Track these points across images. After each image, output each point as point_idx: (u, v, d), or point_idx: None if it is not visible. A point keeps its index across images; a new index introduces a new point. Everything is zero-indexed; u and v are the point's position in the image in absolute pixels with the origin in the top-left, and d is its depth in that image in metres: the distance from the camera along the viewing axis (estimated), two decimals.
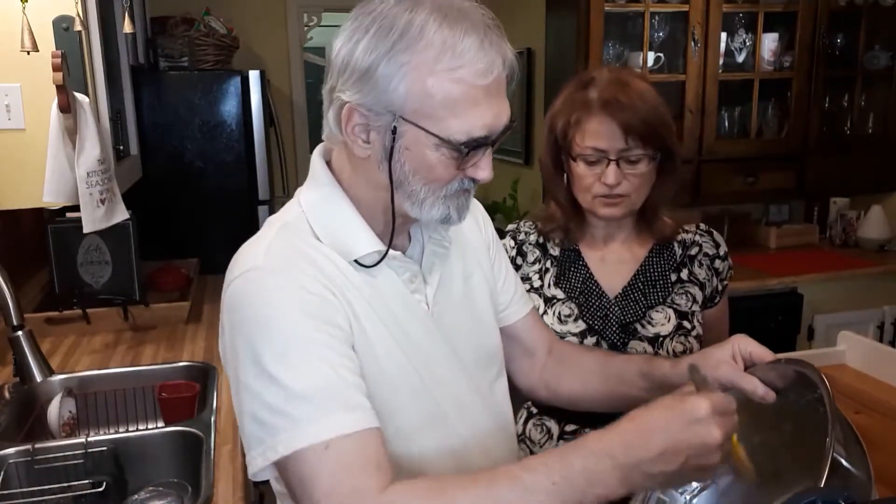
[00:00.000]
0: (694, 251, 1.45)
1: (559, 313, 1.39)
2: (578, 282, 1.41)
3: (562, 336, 1.37)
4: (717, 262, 1.45)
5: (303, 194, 0.98)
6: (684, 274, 1.43)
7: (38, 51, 1.62)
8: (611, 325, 1.39)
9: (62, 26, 1.73)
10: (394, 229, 0.92)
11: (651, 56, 2.83)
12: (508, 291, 1.16)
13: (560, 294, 1.41)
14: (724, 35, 2.90)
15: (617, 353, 1.28)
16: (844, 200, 3.33)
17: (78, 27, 1.73)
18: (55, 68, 1.61)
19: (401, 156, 0.86)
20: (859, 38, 3.07)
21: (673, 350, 1.38)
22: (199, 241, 2.99)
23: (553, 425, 1.42)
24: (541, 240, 1.45)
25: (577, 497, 0.76)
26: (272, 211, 3.18)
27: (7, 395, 1.62)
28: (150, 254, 2.57)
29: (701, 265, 1.44)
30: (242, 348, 0.85)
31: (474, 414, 1.02)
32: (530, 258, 1.45)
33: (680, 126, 2.88)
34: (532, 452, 1.43)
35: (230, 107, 2.98)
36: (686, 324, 1.40)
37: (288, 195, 3.71)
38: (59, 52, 1.64)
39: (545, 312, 1.40)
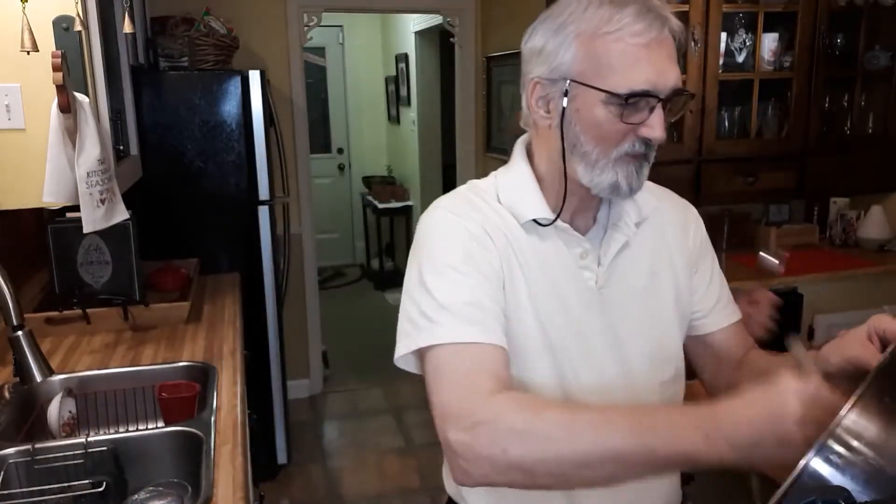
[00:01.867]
0: None
1: None
2: None
3: None
4: None
5: (499, 170, 1.12)
6: None
7: (38, 51, 1.62)
8: None
9: (62, 26, 1.73)
10: (566, 195, 1.02)
11: None
12: (709, 301, 1.17)
13: None
14: (724, 35, 2.90)
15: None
16: (844, 200, 3.34)
17: (78, 27, 1.73)
18: (55, 68, 1.61)
19: (572, 117, 0.97)
20: (859, 38, 3.07)
21: None
22: (199, 241, 2.99)
23: None
24: None
25: (655, 443, 0.78)
26: (272, 211, 3.20)
27: (7, 395, 1.62)
28: (150, 254, 2.57)
29: None
30: (414, 263, 1.03)
31: (615, 398, 1.04)
32: None
33: (680, 126, 2.88)
34: None
35: (230, 107, 2.98)
36: None
37: (288, 195, 3.68)
38: (59, 52, 1.63)
39: None
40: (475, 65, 4.21)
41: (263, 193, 3.09)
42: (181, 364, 1.88)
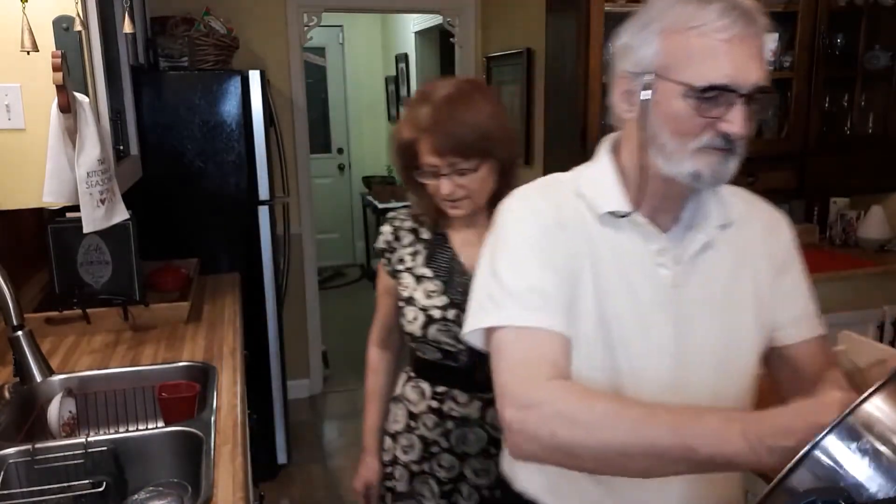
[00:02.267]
0: None
1: (426, 289, 1.54)
2: (444, 262, 1.57)
3: (426, 309, 1.51)
4: None
5: (582, 165, 1.13)
6: None
7: (38, 51, 1.62)
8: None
9: (62, 26, 1.73)
10: (646, 188, 1.02)
11: None
12: (790, 311, 1.14)
13: (428, 272, 1.56)
14: None
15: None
16: (844, 200, 3.34)
17: (78, 27, 1.73)
18: (55, 68, 1.61)
19: (652, 109, 0.98)
20: (859, 38, 3.07)
21: None
22: (199, 241, 2.99)
23: (426, 386, 1.60)
24: (414, 226, 1.61)
25: (697, 443, 0.81)
26: (272, 211, 3.20)
27: (7, 395, 1.62)
28: (150, 254, 2.57)
29: None
30: (488, 246, 1.09)
31: (673, 397, 1.01)
32: (404, 241, 1.61)
33: None
34: (409, 410, 1.63)
35: (230, 107, 2.98)
36: None
37: (288, 195, 3.67)
38: (59, 52, 1.63)
39: (415, 289, 1.55)
40: (475, 65, 4.21)
41: (263, 193, 3.09)
42: (181, 364, 1.88)
